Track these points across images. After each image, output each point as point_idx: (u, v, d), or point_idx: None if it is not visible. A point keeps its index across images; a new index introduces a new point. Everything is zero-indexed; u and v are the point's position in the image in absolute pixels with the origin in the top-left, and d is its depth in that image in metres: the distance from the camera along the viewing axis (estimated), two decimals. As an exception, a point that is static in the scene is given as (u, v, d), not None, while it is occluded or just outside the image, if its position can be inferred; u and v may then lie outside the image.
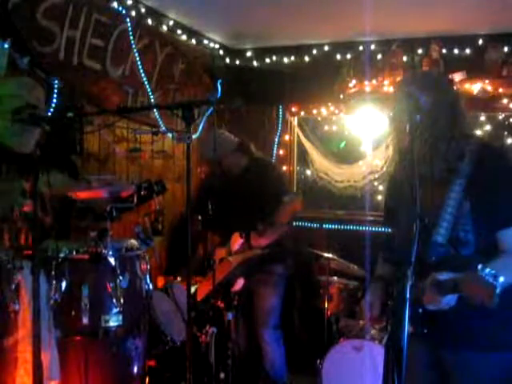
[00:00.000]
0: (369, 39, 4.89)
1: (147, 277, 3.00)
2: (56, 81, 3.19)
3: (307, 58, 5.16)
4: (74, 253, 2.78)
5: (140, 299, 2.98)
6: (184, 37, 4.65)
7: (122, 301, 2.77)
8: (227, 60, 5.37)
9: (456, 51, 4.71)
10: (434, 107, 2.02)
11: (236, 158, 3.85)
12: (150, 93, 4.20)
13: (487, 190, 1.98)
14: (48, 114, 3.08)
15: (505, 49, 4.55)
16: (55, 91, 3.19)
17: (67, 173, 3.28)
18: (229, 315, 3.40)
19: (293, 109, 5.31)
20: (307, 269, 4.87)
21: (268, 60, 5.29)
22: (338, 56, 5.05)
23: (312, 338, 4.46)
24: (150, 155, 4.46)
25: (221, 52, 5.25)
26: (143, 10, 4.09)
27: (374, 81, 4.87)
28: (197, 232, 3.68)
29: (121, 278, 2.78)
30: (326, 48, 5.08)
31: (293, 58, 5.21)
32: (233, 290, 3.48)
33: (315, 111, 5.24)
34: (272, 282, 3.87)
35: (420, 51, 4.80)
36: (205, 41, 4.97)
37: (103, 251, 2.73)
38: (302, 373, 4.13)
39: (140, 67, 4.05)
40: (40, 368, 2.31)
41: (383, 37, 4.84)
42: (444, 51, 4.71)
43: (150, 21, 4.20)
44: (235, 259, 3.51)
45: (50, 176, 2.41)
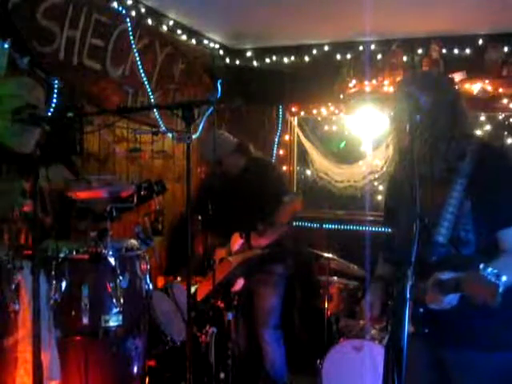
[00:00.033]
0: (369, 39, 4.89)
1: (147, 277, 3.00)
2: (56, 81, 3.19)
3: (307, 58, 5.16)
4: (74, 253, 2.78)
5: (140, 299, 2.99)
6: (184, 37, 4.65)
7: (122, 301, 2.77)
8: (227, 60, 5.37)
9: (456, 51, 4.70)
10: (434, 107, 2.02)
11: (235, 159, 3.85)
12: (150, 93, 4.20)
13: (488, 190, 1.98)
14: (48, 114, 3.08)
15: (505, 49, 4.55)
16: (55, 91, 3.19)
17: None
18: (229, 315, 3.40)
19: (293, 109, 5.31)
20: (307, 269, 4.87)
21: (268, 60, 5.29)
22: (338, 56, 5.05)
23: (312, 338, 4.46)
24: (150, 155, 4.46)
25: (221, 52, 5.25)
26: (143, 10, 4.09)
27: (374, 81, 4.87)
28: (196, 232, 3.69)
29: (121, 278, 2.79)
30: (326, 48, 5.08)
31: (293, 58, 5.21)
32: (233, 290, 3.48)
33: (315, 111, 5.24)
34: (272, 282, 3.87)
35: (420, 51, 4.80)
36: (205, 41, 4.97)
37: (103, 251, 2.74)
38: (302, 373, 4.13)
39: (140, 67, 4.05)
40: (40, 368, 2.31)
41: (383, 37, 4.84)
42: (444, 51, 4.71)
43: (150, 21, 4.20)
44: (235, 259, 3.51)
45: (50, 170, 2.42)
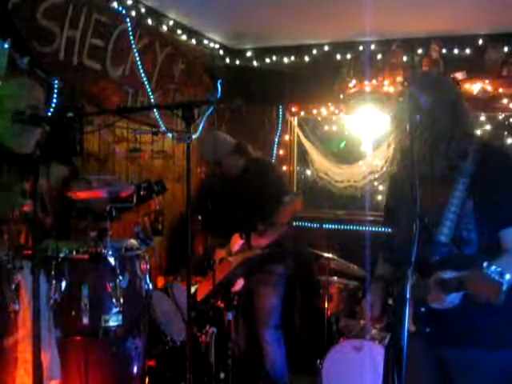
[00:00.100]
0: (369, 39, 4.89)
1: (147, 277, 3.01)
2: (56, 81, 3.19)
3: (307, 58, 5.15)
4: (74, 253, 2.79)
5: (140, 299, 2.99)
6: (184, 37, 4.65)
7: (122, 301, 2.78)
8: (227, 60, 5.37)
9: (456, 51, 4.70)
10: (434, 107, 2.02)
11: (234, 160, 3.85)
12: (150, 93, 4.20)
13: (490, 189, 1.98)
14: (48, 114, 3.08)
15: (505, 49, 4.55)
16: (55, 91, 3.19)
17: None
18: (229, 315, 3.40)
19: (293, 109, 5.31)
20: (307, 269, 4.87)
21: (268, 60, 5.29)
22: (338, 56, 5.05)
23: (312, 338, 4.46)
24: (150, 155, 4.46)
25: (221, 52, 5.25)
26: (143, 10, 4.09)
27: (374, 81, 4.87)
28: (196, 232, 3.69)
29: (120, 278, 2.79)
30: (326, 48, 5.08)
31: (293, 58, 5.21)
32: (233, 290, 3.48)
33: (315, 111, 5.23)
34: (272, 282, 3.87)
35: (420, 51, 4.79)
36: (205, 41, 4.97)
37: (103, 251, 2.74)
38: (302, 373, 4.13)
39: (140, 67, 4.05)
40: (40, 368, 2.31)
41: (383, 37, 4.84)
42: (444, 51, 4.71)
43: (150, 21, 4.20)
44: (235, 259, 3.51)
45: (50, 169, 2.42)
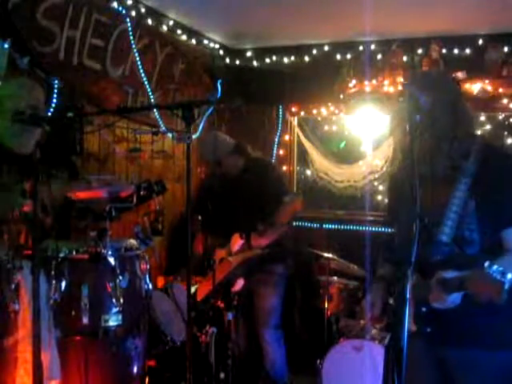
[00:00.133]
0: (369, 39, 4.89)
1: (147, 276, 3.00)
2: (56, 81, 3.19)
3: (307, 58, 5.15)
4: (74, 253, 2.78)
5: (140, 299, 2.99)
6: (184, 37, 4.65)
7: (122, 300, 2.78)
8: (227, 60, 5.37)
9: (456, 51, 4.70)
10: (434, 107, 2.01)
11: (233, 160, 3.85)
12: (150, 93, 4.20)
13: (492, 189, 1.98)
14: (48, 114, 3.08)
15: (505, 49, 4.55)
16: (55, 91, 3.19)
17: (67, 173, 3.28)
18: (229, 315, 3.40)
19: (293, 109, 5.31)
20: (307, 269, 4.86)
21: (268, 60, 5.29)
22: (338, 56, 5.05)
23: (312, 338, 4.46)
24: (150, 155, 4.46)
25: (221, 52, 5.25)
26: (143, 10, 4.09)
27: (374, 81, 4.87)
28: (196, 232, 3.69)
29: (120, 278, 2.79)
30: (326, 48, 5.08)
31: (293, 58, 5.21)
32: (233, 290, 3.48)
33: (315, 111, 5.23)
34: (272, 282, 3.87)
35: (420, 51, 4.79)
36: (205, 41, 4.97)
37: (103, 251, 2.74)
38: (302, 373, 4.13)
39: (140, 67, 4.05)
40: (40, 368, 2.31)
41: (383, 37, 4.84)
42: (444, 51, 4.71)
43: (150, 21, 4.20)
44: (235, 259, 3.51)
45: (51, 182, 2.42)
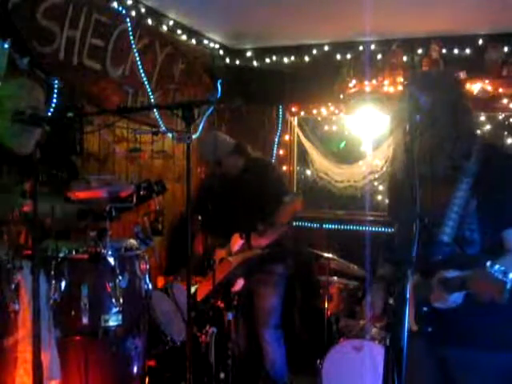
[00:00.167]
0: (369, 39, 4.89)
1: (147, 276, 3.00)
2: (56, 81, 3.19)
3: (307, 58, 5.15)
4: (74, 252, 2.79)
5: (139, 299, 2.99)
6: (184, 37, 4.65)
7: (122, 300, 2.78)
8: (227, 60, 5.37)
9: (456, 51, 4.70)
10: (435, 107, 2.01)
11: (233, 160, 3.84)
12: (150, 93, 4.20)
13: (494, 190, 1.97)
14: (48, 114, 3.08)
15: (505, 49, 4.55)
16: (55, 91, 3.19)
17: (67, 173, 3.28)
18: (229, 315, 3.39)
19: (293, 109, 5.31)
20: (307, 269, 4.86)
21: (268, 60, 5.29)
22: (338, 56, 5.05)
23: (312, 338, 4.46)
24: (150, 155, 4.46)
25: (221, 52, 5.25)
26: (143, 10, 4.09)
27: (374, 81, 4.86)
28: (196, 232, 3.69)
29: (120, 278, 2.79)
30: (326, 48, 5.08)
31: (293, 58, 5.21)
32: (233, 290, 3.48)
33: (315, 111, 5.23)
34: (272, 282, 3.87)
35: (420, 51, 4.79)
36: (205, 41, 4.97)
37: (102, 251, 2.74)
38: (302, 373, 4.13)
39: (140, 67, 4.05)
40: (40, 368, 2.31)
41: (383, 37, 4.84)
42: (444, 51, 4.71)
43: (150, 21, 4.20)
44: (235, 259, 3.51)
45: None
